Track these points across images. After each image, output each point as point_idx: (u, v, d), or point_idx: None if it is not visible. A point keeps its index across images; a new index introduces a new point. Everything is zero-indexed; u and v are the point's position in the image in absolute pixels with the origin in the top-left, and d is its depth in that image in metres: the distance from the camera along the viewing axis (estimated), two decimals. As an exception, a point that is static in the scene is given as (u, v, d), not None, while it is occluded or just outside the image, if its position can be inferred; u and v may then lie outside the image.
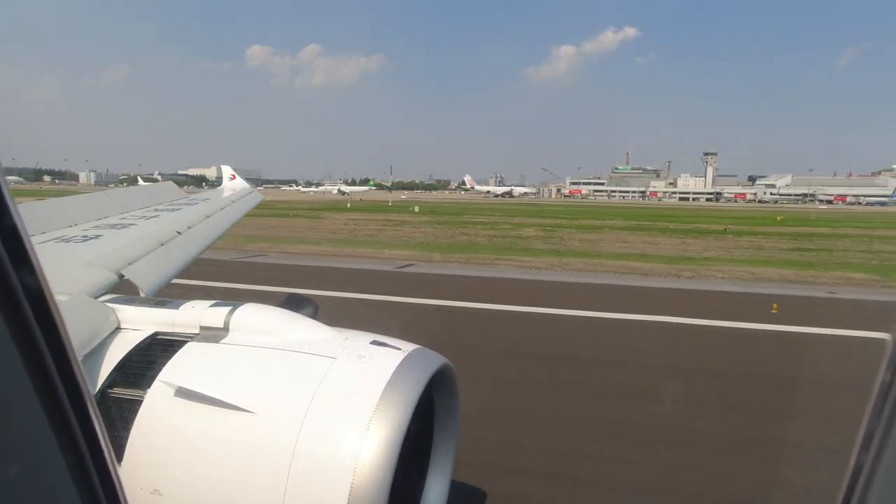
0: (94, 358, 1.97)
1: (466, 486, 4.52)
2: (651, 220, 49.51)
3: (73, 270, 2.79)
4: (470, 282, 17.10)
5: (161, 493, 1.70)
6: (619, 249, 26.53)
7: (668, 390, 8.20)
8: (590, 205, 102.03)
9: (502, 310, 13.05)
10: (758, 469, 5.97)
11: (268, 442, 1.68)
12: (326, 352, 1.90)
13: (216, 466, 1.70)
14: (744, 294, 15.88)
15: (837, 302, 15.10)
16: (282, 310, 2.20)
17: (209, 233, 4.97)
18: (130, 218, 4.82)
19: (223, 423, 1.72)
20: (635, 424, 6.87)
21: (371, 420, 1.65)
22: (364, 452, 1.60)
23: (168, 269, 3.46)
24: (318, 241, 27.33)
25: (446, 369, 2.01)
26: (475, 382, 5.95)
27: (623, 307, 13.43)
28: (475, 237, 31.22)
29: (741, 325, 11.77)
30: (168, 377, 1.84)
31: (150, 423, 1.77)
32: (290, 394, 1.76)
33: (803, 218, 59.71)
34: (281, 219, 40.04)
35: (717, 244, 29.52)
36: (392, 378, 1.77)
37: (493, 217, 50.96)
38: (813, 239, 33.46)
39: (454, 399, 2.15)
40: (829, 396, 7.38)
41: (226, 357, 1.96)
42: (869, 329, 10.61)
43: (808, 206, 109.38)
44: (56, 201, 4.94)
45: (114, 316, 2.19)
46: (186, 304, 2.23)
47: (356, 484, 1.57)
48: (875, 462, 0.82)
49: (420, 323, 11.47)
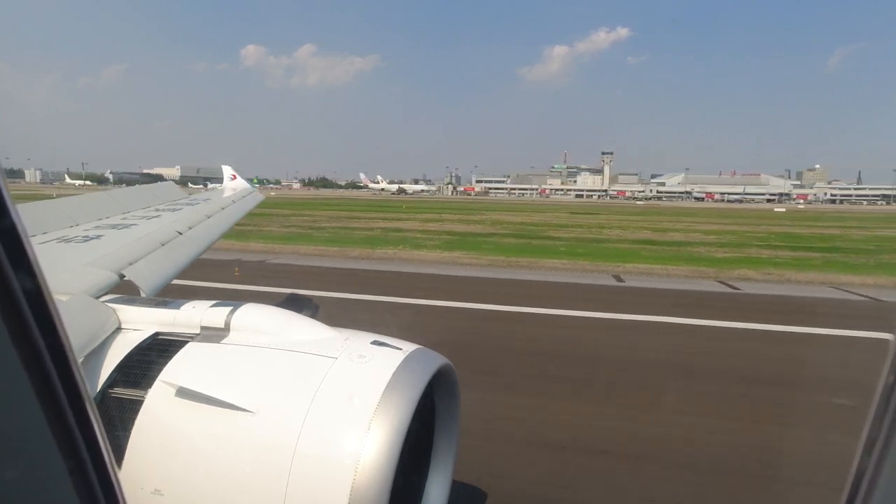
0: (94, 358, 1.97)
1: (467, 487, 4.51)
2: (478, 212, 52.98)
3: (74, 270, 2.79)
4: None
5: (162, 493, 1.70)
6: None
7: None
8: (464, 201, 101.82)
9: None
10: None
11: (268, 442, 1.68)
12: (327, 352, 1.90)
13: (217, 466, 1.70)
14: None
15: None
16: (282, 310, 2.20)
17: (210, 233, 4.97)
18: (131, 218, 4.83)
19: (224, 423, 1.72)
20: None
21: (372, 420, 1.65)
22: (365, 452, 1.60)
23: (169, 269, 3.46)
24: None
25: (447, 369, 2.01)
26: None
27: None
28: (281, 226, 30.50)
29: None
30: (169, 377, 1.84)
31: (150, 423, 1.77)
32: (291, 394, 1.76)
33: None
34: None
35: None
36: (393, 378, 1.77)
37: (328, 211, 48.63)
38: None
39: (455, 399, 2.15)
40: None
41: (226, 357, 1.96)
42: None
43: (676, 203, 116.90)
44: (57, 202, 4.95)
45: (114, 316, 2.19)
46: (187, 304, 2.23)
47: (357, 484, 1.57)
48: (878, 466, 0.81)
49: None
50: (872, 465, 0.82)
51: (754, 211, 75.34)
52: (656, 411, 6.54)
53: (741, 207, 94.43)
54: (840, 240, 30.19)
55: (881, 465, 0.81)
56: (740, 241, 28.10)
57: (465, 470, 2.55)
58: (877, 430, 0.81)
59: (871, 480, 0.82)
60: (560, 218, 46.95)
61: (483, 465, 4.83)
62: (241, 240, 20.42)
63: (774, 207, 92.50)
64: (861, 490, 0.84)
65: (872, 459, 0.82)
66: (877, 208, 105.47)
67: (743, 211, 74.81)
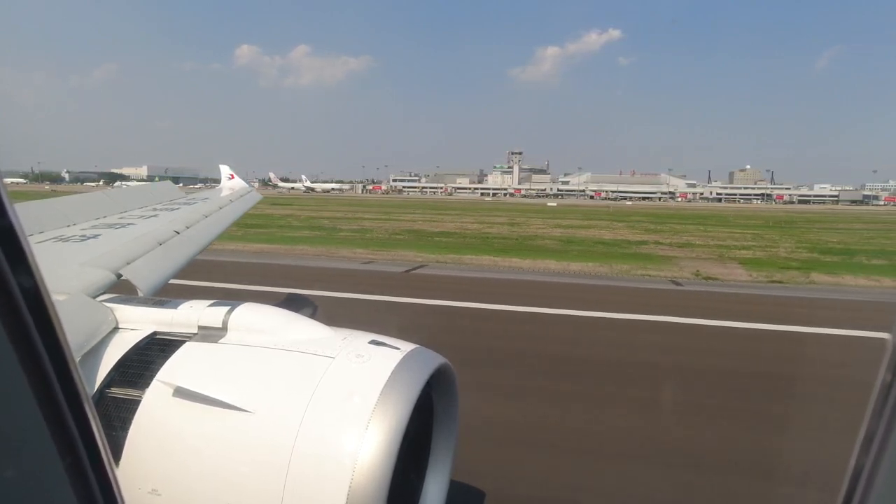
0: (92, 357, 1.96)
1: (465, 486, 4.51)
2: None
3: (71, 270, 2.78)
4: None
5: (159, 493, 1.70)
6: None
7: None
8: (358, 199, 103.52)
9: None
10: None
11: (266, 441, 1.67)
12: (325, 351, 1.90)
13: (214, 466, 1.70)
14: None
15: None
16: (280, 309, 2.20)
17: (208, 232, 4.96)
18: (129, 217, 4.81)
19: (221, 422, 1.72)
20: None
21: (370, 420, 1.65)
22: (363, 452, 1.60)
23: (166, 268, 3.46)
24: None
25: (445, 369, 2.01)
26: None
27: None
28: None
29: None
30: (166, 377, 1.84)
31: (148, 422, 1.77)
32: (289, 393, 1.76)
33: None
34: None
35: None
36: (391, 378, 1.76)
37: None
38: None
39: (453, 398, 2.15)
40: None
41: (224, 357, 1.96)
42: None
43: (570, 201, 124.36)
44: (55, 201, 4.94)
45: (112, 315, 2.18)
46: (185, 303, 2.23)
47: (355, 483, 1.57)
48: (875, 464, 0.81)
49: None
50: (870, 463, 0.82)
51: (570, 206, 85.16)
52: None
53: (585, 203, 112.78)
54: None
55: (878, 463, 0.81)
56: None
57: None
58: (874, 427, 0.81)
59: (869, 478, 0.82)
60: (382, 212, 49.82)
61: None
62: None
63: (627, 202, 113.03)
64: (858, 487, 0.84)
65: (870, 457, 0.82)
66: (712, 206, 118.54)
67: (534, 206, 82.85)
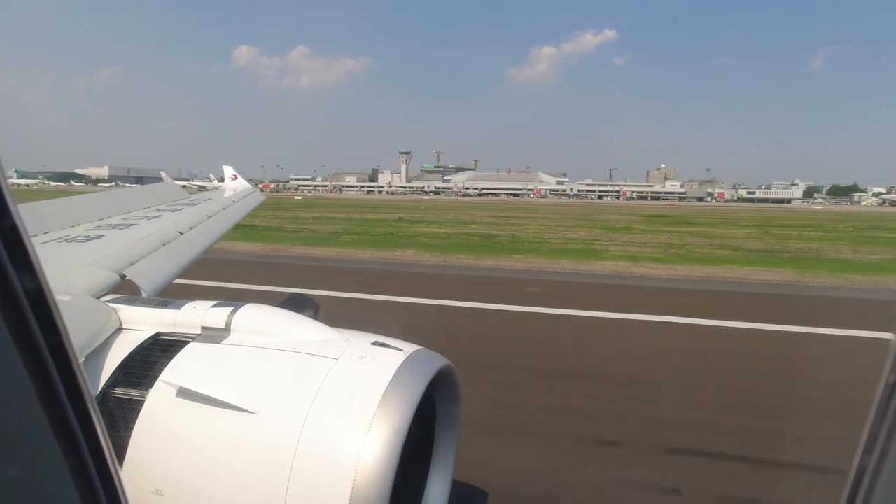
0: (95, 358, 1.97)
1: (468, 487, 4.51)
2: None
3: (75, 270, 2.79)
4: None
5: (163, 494, 1.70)
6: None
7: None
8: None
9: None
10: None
11: (269, 442, 1.68)
12: (328, 352, 1.90)
13: (217, 467, 1.70)
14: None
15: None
16: (283, 310, 2.20)
17: (211, 233, 4.98)
18: (132, 218, 4.83)
19: (225, 423, 1.72)
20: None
21: (372, 421, 1.65)
22: (365, 453, 1.60)
23: (170, 269, 3.46)
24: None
25: (448, 370, 2.01)
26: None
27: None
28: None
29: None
30: (170, 378, 1.84)
31: (151, 423, 1.77)
32: (292, 394, 1.76)
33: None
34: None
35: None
36: (393, 379, 1.76)
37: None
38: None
39: (456, 400, 2.15)
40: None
41: (227, 357, 1.96)
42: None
43: (441, 198, 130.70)
44: (59, 201, 4.96)
45: (115, 316, 2.19)
46: (188, 304, 2.23)
47: (357, 484, 1.57)
48: (878, 465, 0.81)
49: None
50: (873, 464, 0.82)
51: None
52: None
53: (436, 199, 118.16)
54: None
55: (882, 464, 0.81)
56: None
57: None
58: (877, 428, 0.81)
59: (872, 479, 0.82)
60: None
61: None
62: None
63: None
64: (862, 488, 0.84)
65: (873, 458, 0.82)
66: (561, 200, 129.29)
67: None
